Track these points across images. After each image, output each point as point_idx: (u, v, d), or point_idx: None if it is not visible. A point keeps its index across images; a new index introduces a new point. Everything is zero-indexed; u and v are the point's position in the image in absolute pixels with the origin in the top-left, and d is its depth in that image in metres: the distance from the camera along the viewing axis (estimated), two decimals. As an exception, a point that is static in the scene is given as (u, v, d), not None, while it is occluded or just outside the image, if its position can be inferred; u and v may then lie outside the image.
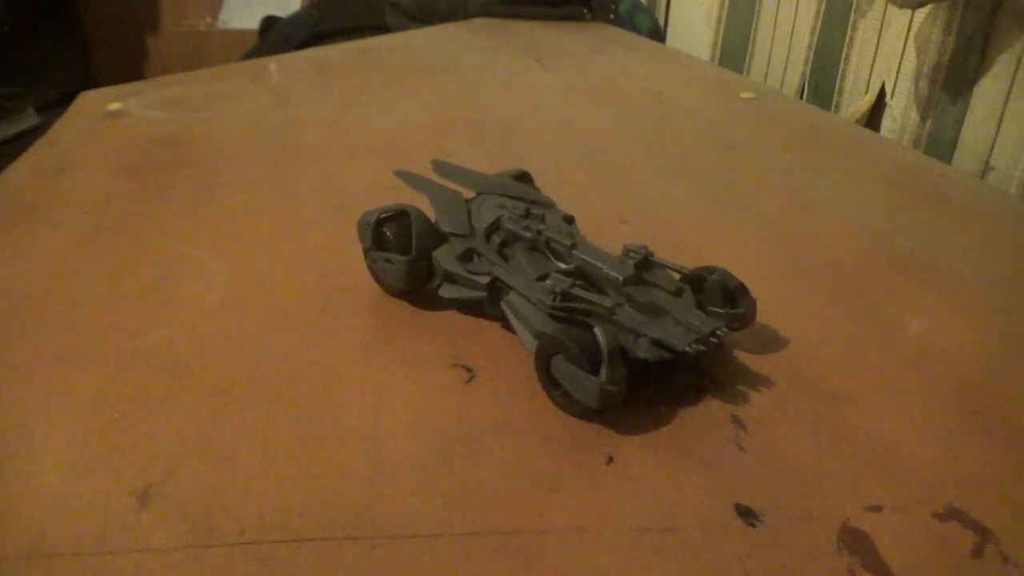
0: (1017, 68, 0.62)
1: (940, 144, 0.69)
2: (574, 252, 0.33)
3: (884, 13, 0.75)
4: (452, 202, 0.38)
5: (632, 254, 0.33)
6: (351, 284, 0.39)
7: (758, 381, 0.33)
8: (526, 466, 0.28)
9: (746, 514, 0.26)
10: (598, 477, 0.27)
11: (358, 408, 0.31)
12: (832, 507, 0.26)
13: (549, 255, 0.35)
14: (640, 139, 0.61)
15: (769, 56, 0.93)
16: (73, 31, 1.76)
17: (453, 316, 0.37)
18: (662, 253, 0.35)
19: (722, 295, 0.33)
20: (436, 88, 0.73)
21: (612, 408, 0.29)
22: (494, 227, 0.36)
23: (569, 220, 0.38)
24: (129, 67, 1.78)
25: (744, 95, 0.72)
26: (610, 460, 0.28)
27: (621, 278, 0.32)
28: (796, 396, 0.32)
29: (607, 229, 0.45)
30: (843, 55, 0.81)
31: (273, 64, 0.81)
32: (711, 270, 0.34)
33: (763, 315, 0.35)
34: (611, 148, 0.59)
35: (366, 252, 0.38)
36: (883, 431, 0.30)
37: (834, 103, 0.83)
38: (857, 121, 0.76)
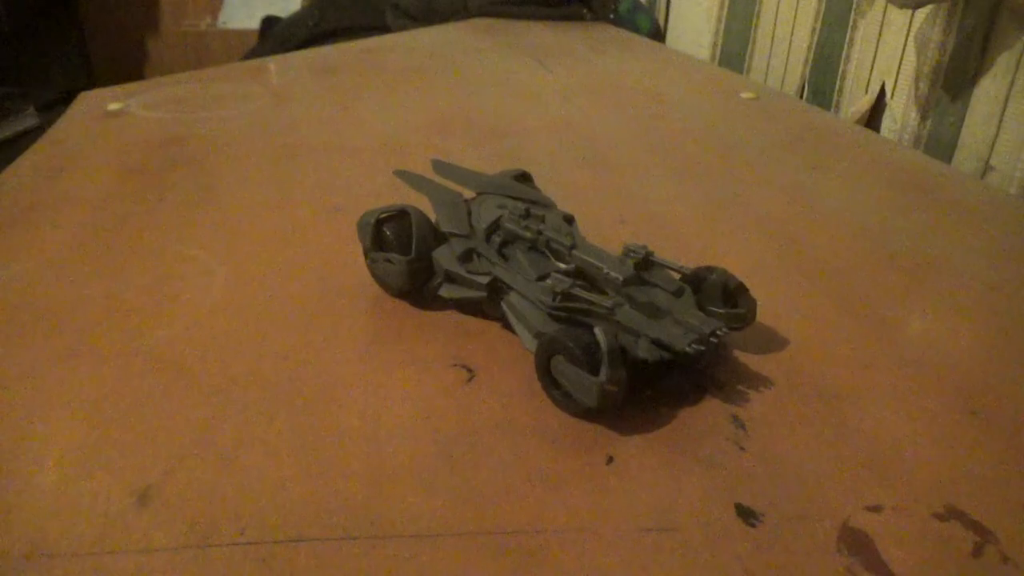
0: (1017, 68, 0.62)
1: (940, 144, 0.69)
2: (574, 252, 0.33)
3: (884, 13, 0.75)
4: (452, 202, 0.38)
5: (632, 254, 0.33)
6: (351, 284, 0.39)
7: (758, 381, 0.33)
8: (526, 466, 0.28)
9: (746, 514, 0.26)
10: (598, 477, 0.27)
11: (358, 408, 0.31)
12: (832, 507, 0.26)
13: (549, 255, 0.35)
14: (640, 139, 0.61)
15: (769, 56, 0.93)
16: (73, 31, 1.76)
17: (453, 316, 0.37)
18: (662, 253, 0.35)
19: (722, 295, 0.33)
20: (436, 88, 0.73)
21: (612, 408, 0.29)
22: (494, 227, 0.36)
23: (569, 220, 0.38)
24: (129, 67, 1.78)
25: (744, 95, 0.72)
26: (610, 460, 0.28)
27: (621, 278, 0.32)
28: (796, 396, 0.32)
29: (607, 229, 0.45)
30: (843, 55, 0.81)
31: (273, 64, 0.81)
32: (711, 270, 0.34)
33: (763, 315, 0.35)
34: (611, 148, 0.59)
35: (366, 252, 0.38)
36: (883, 431, 0.30)
37: (834, 103, 0.83)
38: (857, 121, 0.76)
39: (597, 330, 0.29)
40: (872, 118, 0.77)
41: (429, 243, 0.36)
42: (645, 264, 0.33)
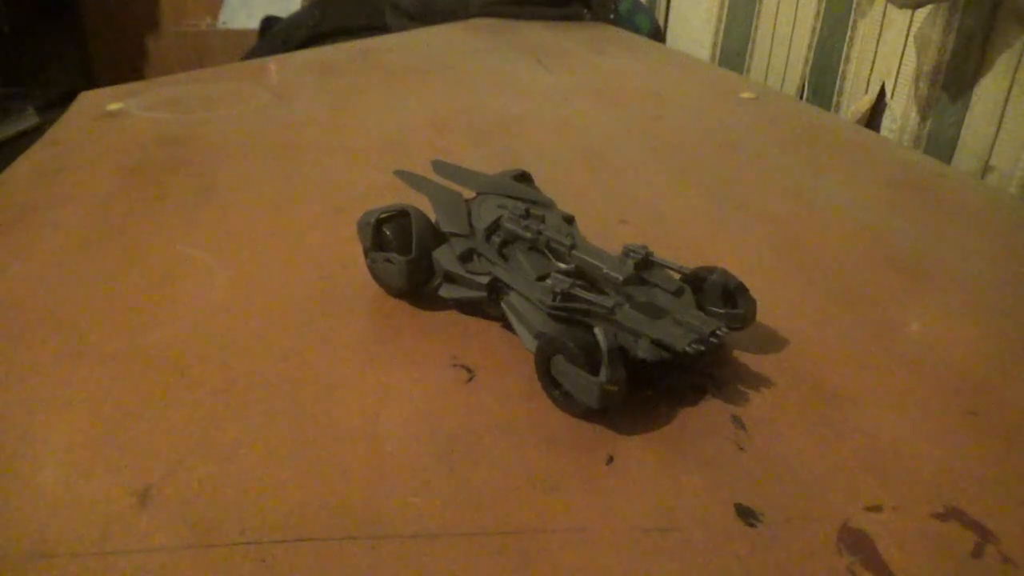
0: (1017, 68, 0.62)
1: (940, 144, 0.69)
2: (574, 252, 0.33)
3: (884, 13, 0.75)
4: (452, 202, 0.38)
5: (632, 254, 0.33)
6: (351, 284, 0.39)
7: (758, 381, 0.33)
8: (526, 466, 0.28)
9: (746, 514, 0.26)
10: (598, 477, 0.27)
11: (358, 408, 0.31)
12: (832, 507, 0.26)
13: (549, 255, 0.35)
14: (640, 139, 0.61)
15: (769, 56, 0.93)
16: (73, 31, 1.76)
17: (453, 316, 0.37)
18: (662, 253, 0.35)
19: (722, 295, 0.33)
20: (436, 88, 0.73)
21: (612, 408, 0.29)
22: (494, 227, 0.36)
23: (569, 220, 0.38)
24: (129, 67, 1.78)
25: (744, 95, 0.72)
26: (610, 460, 0.28)
27: (621, 278, 0.32)
28: (796, 396, 0.32)
29: (607, 229, 0.45)
30: (843, 55, 0.81)
31: (273, 64, 0.81)
32: (711, 270, 0.34)
33: (763, 315, 0.35)
34: (611, 148, 0.59)
35: (366, 252, 0.38)
36: (883, 431, 0.30)
37: (834, 103, 0.83)
38: (857, 121, 0.76)
39: (597, 330, 0.29)
40: (872, 118, 0.77)
41: (429, 243, 0.36)
42: (645, 264, 0.33)
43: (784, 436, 0.30)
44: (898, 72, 0.73)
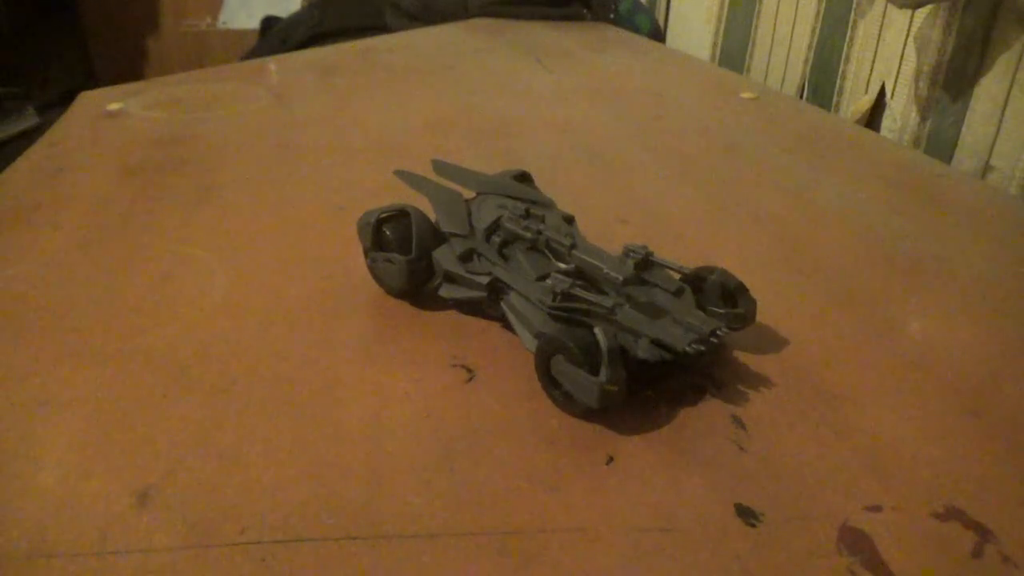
0: (1017, 68, 0.62)
1: (940, 144, 0.69)
2: (574, 252, 0.33)
3: (884, 13, 0.75)
4: (452, 202, 0.38)
5: (632, 254, 0.33)
6: (351, 284, 0.39)
7: (758, 381, 0.33)
8: (526, 466, 0.28)
9: (746, 514, 0.26)
10: (598, 477, 0.27)
11: (358, 408, 0.31)
12: (832, 507, 0.26)
13: (549, 255, 0.35)
14: (640, 139, 0.61)
15: (769, 56, 0.93)
16: (73, 31, 1.76)
17: (453, 316, 0.37)
18: (662, 253, 0.35)
19: (722, 295, 0.33)
20: (436, 88, 0.73)
21: (612, 408, 0.29)
22: (494, 227, 0.36)
23: (569, 220, 0.38)
24: (129, 67, 1.78)
25: (744, 95, 0.72)
26: (610, 460, 0.28)
27: (621, 278, 0.32)
28: (796, 396, 0.32)
29: (607, 229, 0.45)
30: (843, 55, 0.81)
31: (273, 64, 0.81)
32: (711, 270, 0.34)
33: (763, 315, 0.35)
34: (611, 148, 0.59)
35: (366, 252, 0.38)
36: (883, 431, 0.30)
37: (834, 103, 0.83)
38: (857, 121, 0.76)
39: (597, 330, 0.29)
40: (872, 118, 0.77)
41: (429, 243, 0.36)
42: (645, 264, 0.33)
43: (784, 436, 0.30)
44: (898, 72, 0.73)
